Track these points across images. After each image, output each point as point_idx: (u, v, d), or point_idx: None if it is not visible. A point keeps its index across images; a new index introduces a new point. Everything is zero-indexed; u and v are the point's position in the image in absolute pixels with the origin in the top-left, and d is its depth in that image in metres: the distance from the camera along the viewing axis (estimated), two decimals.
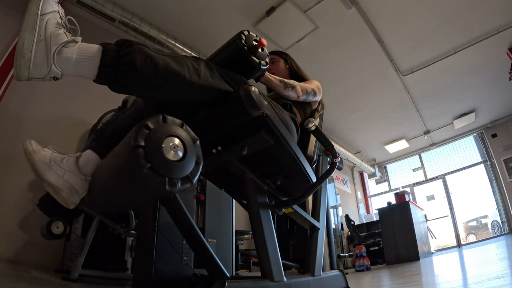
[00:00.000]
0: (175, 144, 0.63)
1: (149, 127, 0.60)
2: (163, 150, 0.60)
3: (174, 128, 0.64)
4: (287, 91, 1.31)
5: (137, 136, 0.59)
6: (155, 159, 0.58)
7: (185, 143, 0.64)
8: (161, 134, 0.61)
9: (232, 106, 0.91)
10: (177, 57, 0.82)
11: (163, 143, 0.61)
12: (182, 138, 0.64)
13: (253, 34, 1.05)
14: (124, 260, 2.33)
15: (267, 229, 0.97)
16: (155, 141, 0.60)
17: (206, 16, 3.42)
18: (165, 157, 0.60)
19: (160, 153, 0.59)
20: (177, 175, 0.61)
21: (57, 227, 1.92)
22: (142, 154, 0.57)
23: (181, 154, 0.63)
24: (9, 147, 2.34)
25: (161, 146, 0.60)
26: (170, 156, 0.61)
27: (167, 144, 0.61)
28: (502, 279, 1.25)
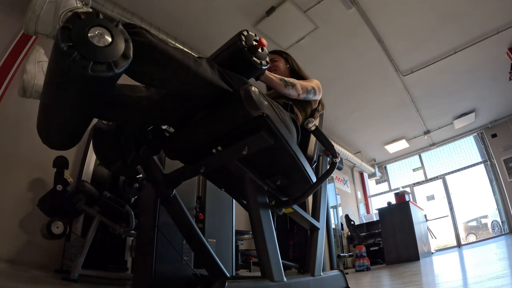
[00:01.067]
0: (101, 32, 0.64)
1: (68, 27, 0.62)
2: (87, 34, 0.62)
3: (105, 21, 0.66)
4: (287, 89, 1.31)
5: (67, 21, 0.62)
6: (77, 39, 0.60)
7: (113, 33, 0.66)
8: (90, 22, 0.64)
9: (232, 106, 0.91)
10: (178, 48, 0.82)
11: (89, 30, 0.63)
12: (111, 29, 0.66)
13: (253, 34, 1.05)
14: (124, 260, 2.33)
15: (267, 229, 0.97)
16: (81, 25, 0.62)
17: (206, 16, 3.42)
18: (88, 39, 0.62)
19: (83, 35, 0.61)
20: (98, 58, 0.62)
21: (57, 227, 1.92)
22: (67, 34, 0.60)
23: (109, 38, 0.65)
24: (9, 147, 2.34)
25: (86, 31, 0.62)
26: (93, 40, 0.62)
27: (94, 32, 0.63)
28: (502, 279, 1.25)
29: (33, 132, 2.74)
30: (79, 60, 0.60)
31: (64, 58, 0.60)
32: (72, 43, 0.60)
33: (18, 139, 2.41)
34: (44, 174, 2.35)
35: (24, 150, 2.39)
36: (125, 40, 0.67)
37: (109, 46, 0.64)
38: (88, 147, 2.44)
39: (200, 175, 1.39)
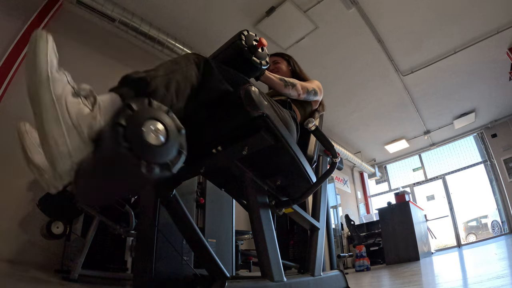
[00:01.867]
0: (157, 128, 0.61)
1: (132, 108, 0.59)
2: (143, 132, 0.58)
3: (158, 112, 0.63)
4: (287, 89, 1.31)
5: (119, 115, 0.57)
6: (134, 139, 0.56)
7: (168, 129, 0.62)
8: (144, 116, 0.60)
9: (232, 106, 0.91)
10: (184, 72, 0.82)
11: (144, 125, 0.59)
12: (166, 124, 0.62)
13: (253, 34, 1.05)
14: (124, 260, 2.33)
15: (267, 229, 0.97)
16: (136, 121, 0.58)
17: (206, 16, 3.42)
18: (144, 139, 0.58)
19: (139, 134, 0.57)
20: (155, 159, 0.58)
21: (57, 227, 1.92)
22: (121, 132, 0.56)
23: (163, 139, 0.61)
24: (9, 147, 2.34)
25: (141, 128, 0.58)
26: (150, 139, 0.58)
27: (149, 127, 0.59)
28: (502, 279, 1.25)
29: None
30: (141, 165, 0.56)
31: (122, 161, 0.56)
32: (128, 143, 0.55)
33: (18, 139, 2.41)
34: None
35: None
36: (178, 131, 0.64)
37: (166, 144, 0.61)
38: None
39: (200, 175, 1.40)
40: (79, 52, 3.03)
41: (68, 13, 2.99)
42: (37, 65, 0.57)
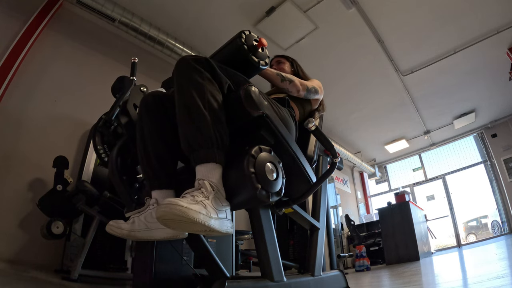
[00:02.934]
0: (272, 168, 0.86)
1: (254, 157, 0.82)
2: (267, 173, 0.83)
3: (269, 156, 0.87)
4: (284, 84, 1.31)
5: (249, 165, 0.80)
6: (263, 181, 0.81)
7: (276, 166, 0.88)
8: (263, 161, 0.84)
9: (232, 106, 0.91)
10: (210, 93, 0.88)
11: (266, 167, 0.83)
12: (274, 162, 0.88)
13: (253, 34, 1.05)
14: (124, 260, 2.33)
15: (267, 229, 0.97)
16: (261, 167, 0.82)
17: (206, 16, 3.42)
18: (269, 179, 0.83)
19: (266, 176, 0.82)
20: (274, 190, 0.84)
21: (57, 227, 1.92)
22: (255, 178, 0.80)
23: (275, 175, 0.86)
24: (9, 147, 2.34)
25: (265, 171, 0.83)
26: (270, 177, 0.84)
27: (268, 168, 0.84)
28: (502, 279, 1.25)
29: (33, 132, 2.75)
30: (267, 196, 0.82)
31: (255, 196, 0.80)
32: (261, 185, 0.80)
33: (18, 139, 2.41)
34: (44, 174, 2.35)
35: (24, 150, 2.39)
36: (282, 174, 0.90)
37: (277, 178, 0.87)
38: (88, 147, 2.44)
39: None
40: (79, 52, 3.03)
41: (68, 13, 2.99)
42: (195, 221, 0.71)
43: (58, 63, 2.82)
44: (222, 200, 0.80)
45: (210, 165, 0.81)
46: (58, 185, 2.08)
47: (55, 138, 2.57)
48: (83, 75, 2.97)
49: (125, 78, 1.75)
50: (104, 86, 2.30)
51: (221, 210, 0.78)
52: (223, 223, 0.78)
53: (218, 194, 0.79)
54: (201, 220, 0.70)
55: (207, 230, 0.74)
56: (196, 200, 0.73)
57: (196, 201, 0.72)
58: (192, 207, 0.69)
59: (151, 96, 1.05)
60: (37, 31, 2.62)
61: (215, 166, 0.82)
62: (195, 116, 0.83)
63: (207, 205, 0.74)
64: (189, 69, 0.87)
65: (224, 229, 0.78)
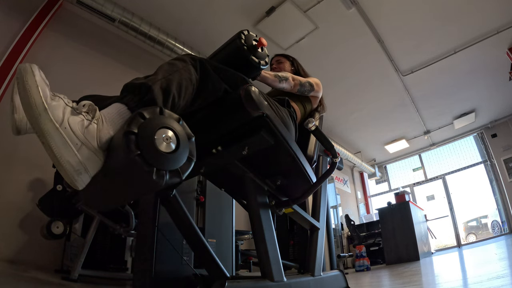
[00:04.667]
0: (168, 136, 0.62)
1: (144, 117, 0.61)
2: (155, 140, 0.60)
3: (169, 120, 0.64)
4: (281, 84, 1.33)
5: (131, 123, 0.59)
6: (145, 147, 0.58)
7: (179, 136, 0.64)
8: (155, 124, 0.62)
9: (232, 106, 0.91)
10: (182, 72, 0.82)
11: (156, 133, 0.61)
12: (176, 131, 0.64)
13: (253, 34, 1.05)
14: (124, 260, 2.33)
15: (267, 229, 0.97)
16: (148, 130, 0.60)
17: (206, 16, 3.42)
18: (156, 147, 0.60)
19: (151, 142, 0.59)
20: (166, 166, 0.60)
21: (57, 227, 1.92)
22: (133, 140, 0.58)
23: (174, 146, 0.62)
24: (9, 147, 2.34)
25: (153, 136, 0.60)
26: (161, 147, 0.60)
27: (160, 135, 0.61)
28: (502, 279, 1.25)
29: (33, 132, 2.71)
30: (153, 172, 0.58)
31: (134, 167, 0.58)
32: (141, 151, 0.57)
33: (18, 139, 2.41)
34: (44, 174, 2.35)
35: (24, 150, 2.39)
36: (188, 138, 0.66)
37: (176, 151, 0.62)
38: None
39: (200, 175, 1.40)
40: (79, 52, 3.03)
41: (68, 13, 2.99)
42: (31, 100, 0.58)
43: (58, 63, 2.82)
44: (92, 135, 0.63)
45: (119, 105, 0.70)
46: (58, 185, 2.07)
47: None
48: (83, 75, 2.97)
49: None
50: (104, 86, 2.30)
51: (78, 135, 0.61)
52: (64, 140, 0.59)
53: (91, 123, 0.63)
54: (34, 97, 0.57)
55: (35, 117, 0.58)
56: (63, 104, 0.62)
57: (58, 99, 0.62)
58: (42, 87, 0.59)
59: None
60: (37, 31, 2.62)
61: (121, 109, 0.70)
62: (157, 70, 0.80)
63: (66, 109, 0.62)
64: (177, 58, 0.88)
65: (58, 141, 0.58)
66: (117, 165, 0.63)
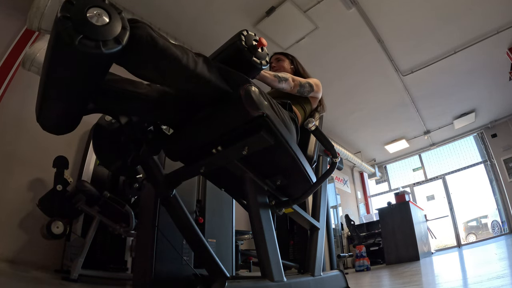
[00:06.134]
0: (99, 12, 0.66)
1: (72, 2, 0.64)
2: (90, 18, 0.64)
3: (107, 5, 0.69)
4: (281, 84, 1.32)
5: (63, 10, 0.62)
6: (85, 27, 0.63)
7: (108, 10, 0.68)
8: (84, 5, 0.65)
9: (232, 105, 0.91)
10: (178, 45, 0.82)
11: (87, 12, 0.65)
12: (104, 6, 0.68)
13: (253, 33, 1.05)
14: (124, 260, 2.33)
15: (267, 229, 0.97)
16: (80, 11, 0.64)
17: (206, 16, 3.42)
18: (93, 23, 0.64)
19: (87, 21, 0.64)
20: (107, 37, 0.65)
21: (57, 227, 1.92)
22: (71, 25, 0.61)
23: (107, 19, 0.67)
24: (9, 147, 2.34)
25: (86, 15, 0.64)
26: (97, 22, 0.65)
27: (92, 13, 0.65)
28: (502, 279, 1.25)
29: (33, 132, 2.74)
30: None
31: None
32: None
33: (18, 139, 2.41)
34: (44, 174, 2.35)
35: (24, 150, 2.39)
36: (122, 27, 0.69)
37: (103, 26, 0.66)
38: (88, 147, 2.44)
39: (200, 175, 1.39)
40: None
41: None
42: None
43: None
44: None
45: None
46: (58, 185, 2.08)
47: (55, 138, 2.56)
48: None
49: None
50: None
51: None
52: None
53: None
54: None
55: None
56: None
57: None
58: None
59: None
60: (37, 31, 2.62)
61: None
62: None
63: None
64: None
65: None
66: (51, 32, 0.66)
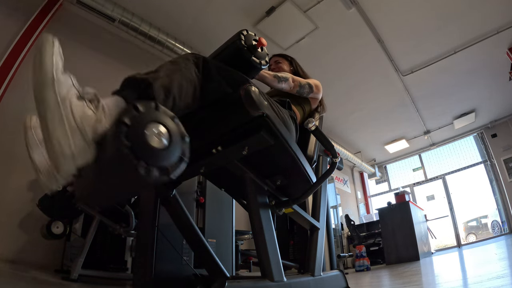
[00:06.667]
0: (160, 131, 0.60)
1: (138, 109, 0.59)
2: (146, 134, 0.58)
3: (163, 116, 0.62)
4: (281, 84, 1.33)
5: (124, 114, 0.57)
6: (136, 139, 0.57)
7: (172, 134, 0.62)
8: (148, 118, 0.60)
9: (232, 106, 0.91)
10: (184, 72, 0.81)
11: (147, 127, 0.59)
12: (170, 128, 0.62)
13: (253, 33, 1.05)
14: (124, 260, 2.33)
15: (267, 229, 0.97)
16: (140, 122, 0.58)
17: (206, 16, 3.42)
18: (146, 140, 0.58)
19: (141, 134, 0.58)
20: (154, 162, 0.57)
21: (57, 227, 1.92)
22: (124, 131, 0.56)
23: (166, 143, 0.60)
24: (9, 147, 2.34)
25: (144, 129, 0.58)
26: (152, 142, 0.58)
27: (152, 129, 0.59)
28: (502, 279, 1.25)
29: None
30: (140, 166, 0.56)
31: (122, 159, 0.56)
32: (130, 142, 0.56)
33: (18, 139, 2.41)
34: None
35: (24, 150, 2.39)
36: (181, 137, 0.64)
37: (167, 148, 0.60)
38: None
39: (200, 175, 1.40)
40: (79, 52, 3.03)
41: (68, 13, 2.99)
42: (43, 66, 0.57)
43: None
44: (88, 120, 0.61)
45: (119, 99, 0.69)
46: None
47: None
48: (83, 75, 2.96)
49: None
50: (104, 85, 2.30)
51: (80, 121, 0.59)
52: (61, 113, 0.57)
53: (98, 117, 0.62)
54: (47, 66, 0.57)
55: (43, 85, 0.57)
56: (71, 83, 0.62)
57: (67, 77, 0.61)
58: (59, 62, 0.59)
59: None
60: (37, 31, 2.62)
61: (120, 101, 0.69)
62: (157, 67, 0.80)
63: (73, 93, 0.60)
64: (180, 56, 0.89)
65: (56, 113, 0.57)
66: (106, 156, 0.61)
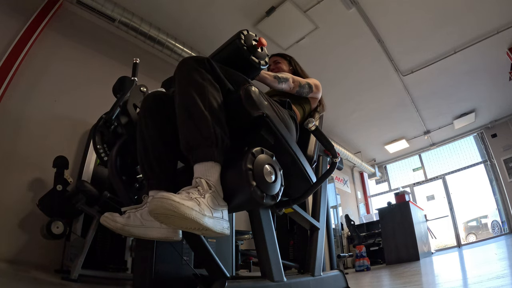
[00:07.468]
0: (270, 170, 0.86)
1: (254, 155, 0.83)
2: (265, 174, 0.83)
3: (269, 159, 0.88)
4: (281, 85, 1.32)
5: (247, 162, 0.80)
6: (259, 179, 0.81)
7: (276, 169, 0.88)
8: (263, 161, 0.84)
9: (232, 106, 0.91)
10: (213, 94, 0.88)
11: (264, 168, 0.83)
12: (274, 166, 0.88)
13: (253, 33, 1.05)
14: (124, 260, 2.33)
15: (267, 229, 0.97)
16: (259, 166, 0.82)
17: (206, 16, 3.42)
18: (265, 179, 0.82)
19: (263, 175, 0.82)
20: (270, 192, 0.83)
21: (57, 227, 1.92)
22: (251, 175, 0.79)
23: (273, 178, 0.86)
24: (9, 147, 2.34)
25: (263, 171, 0.83)
26: (268, 178, 0.83)
27: (266, 169, 0.84)
28: (502, 279, 1.25)
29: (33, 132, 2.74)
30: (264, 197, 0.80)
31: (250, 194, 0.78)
32: (257, 183, 0.79)
33: (18, 139, 2.41)
34: (44, 174, 2.35)
35: (24, 150, 2.39)
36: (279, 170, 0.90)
37: (274, 182, 0.86)
38: (88, 147, 2.44)
39: None
40: (79, 52, 3.03)
41: (68, 13, 2.99)
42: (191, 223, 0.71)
43: (58, 63, 2.82)
44: (219, 199, 0.79)
45: (208, 163, 0.81)
46: (58, 185, 2.07)
47: (55, 138, 2.57)
48: (83, 75, 2.97)
49: (126, 79, 1.75)
50: (104, 86, 2.30)
51: (217, 209, 0.76)
52: (218, 223, 0.76)
53: (215, 193, 0.78)
54: (193, 217, 0.68)
55: (200, 228, 0.72)
56: (191, 197, 0.72)
57: (190, 198, 0.72)
58: (185, 202, 0.68)
59: (152, 96, 1.05)
60: (37, 31, 2.62)
61: (213, 165, 0.81)
62: (195, 115, 0.83)
63: (201, 202, 0.72)
64: (190, 70, 0.87)
65: (218, 228, 0.76)
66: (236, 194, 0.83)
